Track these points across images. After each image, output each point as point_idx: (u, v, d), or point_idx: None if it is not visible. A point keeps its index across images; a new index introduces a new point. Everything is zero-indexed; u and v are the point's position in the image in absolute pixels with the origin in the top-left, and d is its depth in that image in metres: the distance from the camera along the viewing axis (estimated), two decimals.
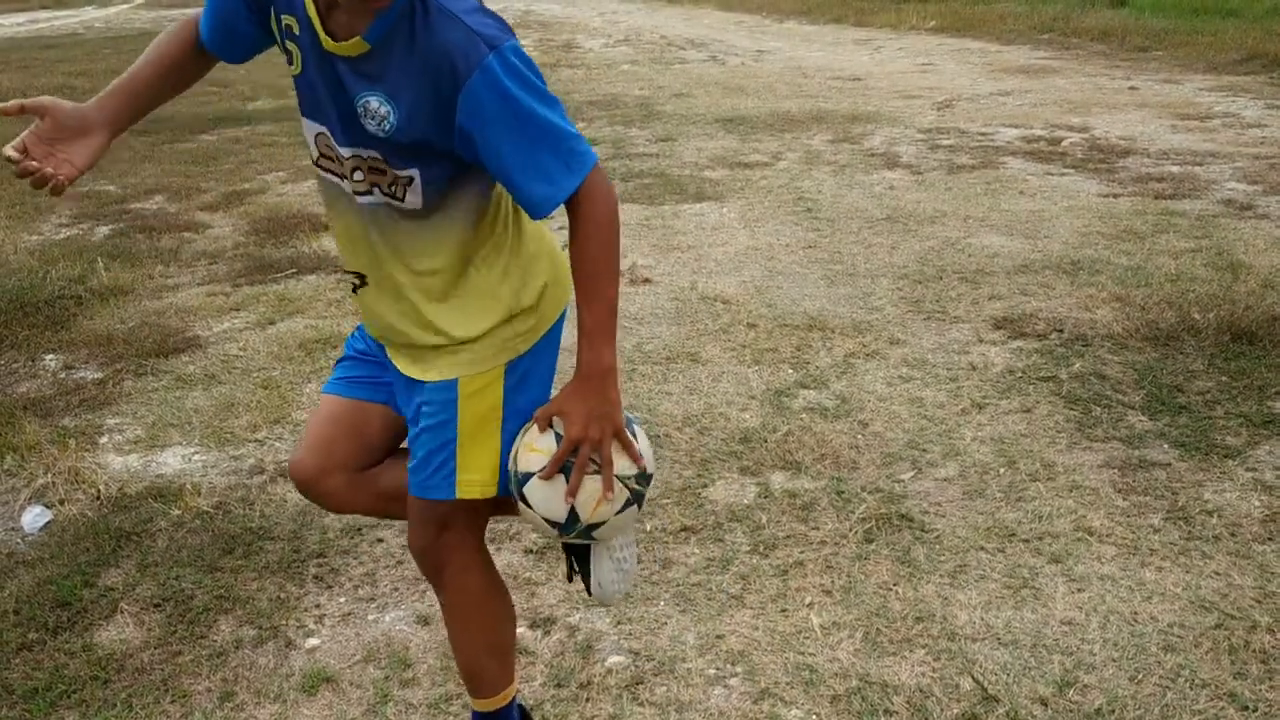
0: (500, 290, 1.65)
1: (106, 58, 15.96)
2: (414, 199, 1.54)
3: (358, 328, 1.86)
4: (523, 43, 1.47)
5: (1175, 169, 6.43)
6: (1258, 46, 11.34)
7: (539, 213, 1.52)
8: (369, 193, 1.56)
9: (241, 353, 4.01)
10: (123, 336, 4.19)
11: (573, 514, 1.60)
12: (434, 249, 1.60)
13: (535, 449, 1.61)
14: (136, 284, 4.88)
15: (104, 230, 5.90)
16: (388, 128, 1.48)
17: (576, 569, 1.83)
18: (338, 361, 1.86)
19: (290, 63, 1.54)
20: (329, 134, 1.55)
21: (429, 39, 1.42)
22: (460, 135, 1.46)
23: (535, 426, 1.62)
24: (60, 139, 1.56)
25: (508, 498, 1.70)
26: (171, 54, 1.65)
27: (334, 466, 1.78)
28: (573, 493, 1.58)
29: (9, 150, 1.52)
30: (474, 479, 1.66)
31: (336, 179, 1.59)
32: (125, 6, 33.47)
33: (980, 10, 17.54)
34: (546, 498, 1.60)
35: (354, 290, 1.70)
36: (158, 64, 1.65)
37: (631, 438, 1.63)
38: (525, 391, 1.68)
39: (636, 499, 1.65)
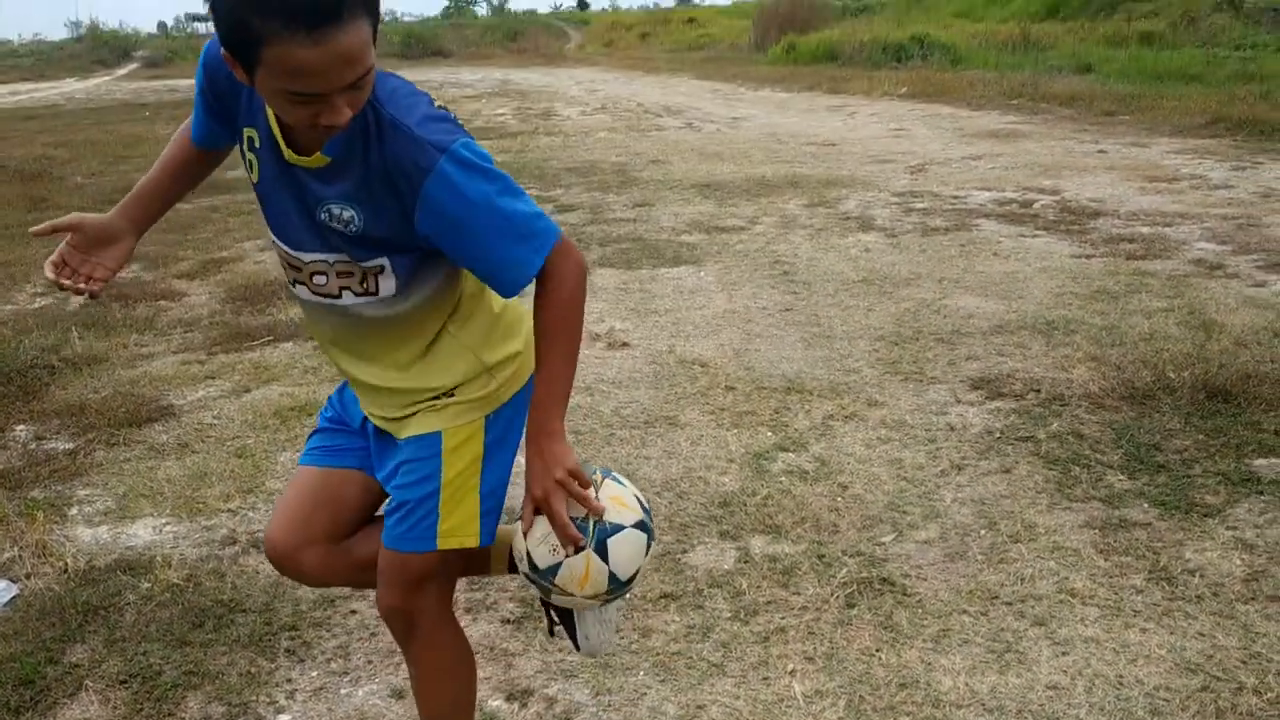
0: (477, 348, 1.71)
1: (86, 129, 16.02)
2: (388, 285, 1.61)
3: (330, 398, 1.89)
4: (500, 111, 1.51)
5: (1145, 230, 6.51)
6: (1221, 110, 11.59)
7: (508, 295, 1.60)
8: (336, 296, 1.63)
9: (215, 421, 3.97)
10: (95, 406, 4.14)
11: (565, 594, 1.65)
12: (407, 330, 1.67)
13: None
14: (110, 353, 4.84)
15: (78, 299, 5.86)
16: (354, 229, 1.55)
17: (558, 623, 1.83)
18: (311, 434, 1.89)
19: (250, 170, 1.62)
20: (287, 246, 1.63)
21: (382, 151, 1.49)
22: (422, 236, 1.53)
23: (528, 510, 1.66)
24: (91, 248, 1.74)
25: (476, 558, 1.76)
26: (176, 158, 1.82)
27: (309, 540, 1.80)
28: (556, 542, 1.61)
29: (47, 270, 1.72)
30: (454, 529, 1.70)
31: (299, 285, 1.67)
32: (106, 78, 33.71)
33: (950, 77, 17.89)
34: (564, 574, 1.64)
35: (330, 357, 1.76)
36: (167, 168, 1.82)
37: (593, 489, 1.65)
38: (508, 444, 1.73)
39: (604, 536, 1.64)
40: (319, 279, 1.63)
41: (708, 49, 35.15)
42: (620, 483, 1.71)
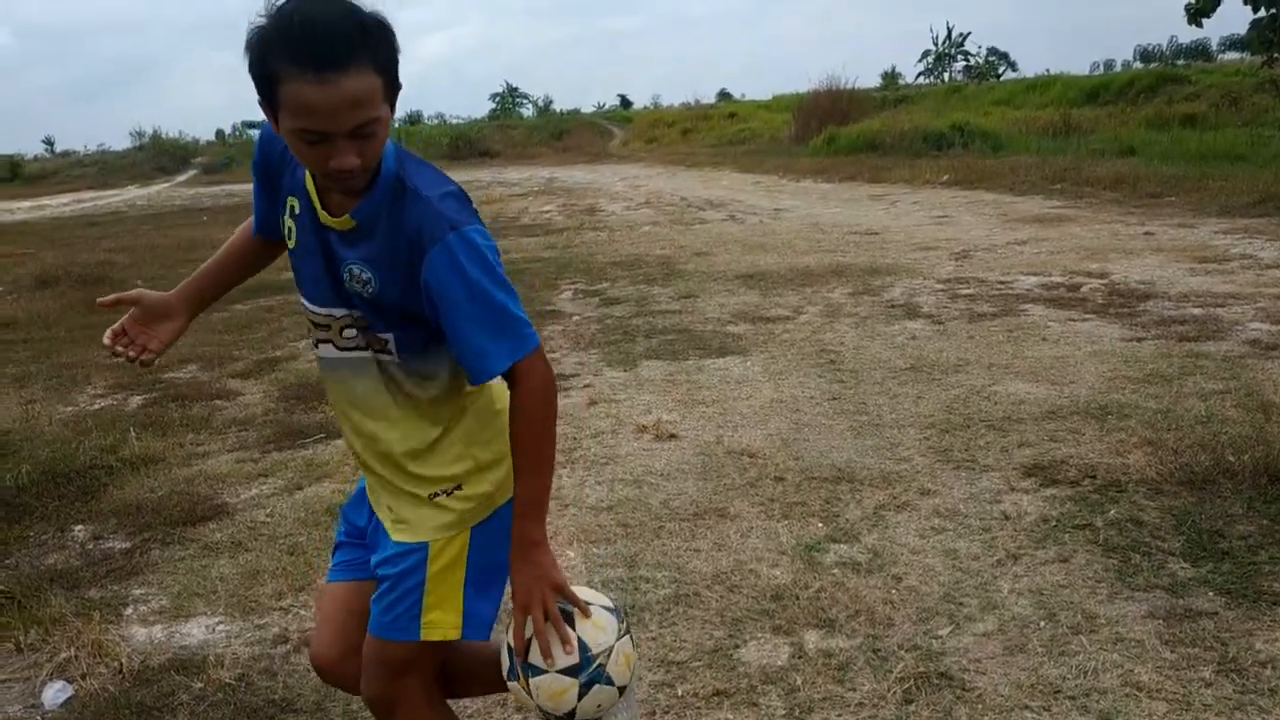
0: (468, 441, 1.79)
1: (147, 234, 16.55)
2: (394, 349, 1.73)
3: (342, 509, 2.02)
4: (546, 208, 1.59)
5: (1197, 311, 6.44)
6: (1269, 190, 11.53)
7: (475, 380, 1.69)
8: (365, 349, 1.74)
9: (269, 519, 4.01)
10: (151, 505, 4.20)
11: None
12: (419, 405, 1.76)
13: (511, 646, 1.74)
14: (167, 452, 4.92)
15: (137, 400, 6.00)
16: (370, 291, 1.67)
17: None
18: (334, 549, 2.00)
19: (289, 236, 1.76)
20: (315, 305, 1.75)
21: (403, 216, 1.63)
22: (425, 301, 1.63)
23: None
24: (150, 322, 1.90)
25: (455, 679, 1.88)
26: (238, 246, 1.96)
27: (351, 651, 1.89)
28: (545, 650, 1.68)
29: (106, 337, 1.89)
30: (438, 620, 1.77)
31: (324, 344, 1.78)
32: (166, 185, 34.86)
33: (992, 163, 17.99)
34: (520, 693, 1.73)
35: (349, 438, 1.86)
36: (229, 255, 1.97)
37: (573, 592, 1.73)
38: (490, 550, 1.79)
39: (597, 679, 1.71)
40: (349, 332, 1.75)
41: (749, 143, 35.72)
42: (588, 602, 1.77)
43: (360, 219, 1.65)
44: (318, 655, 1.94)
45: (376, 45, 1.51)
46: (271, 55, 1.48)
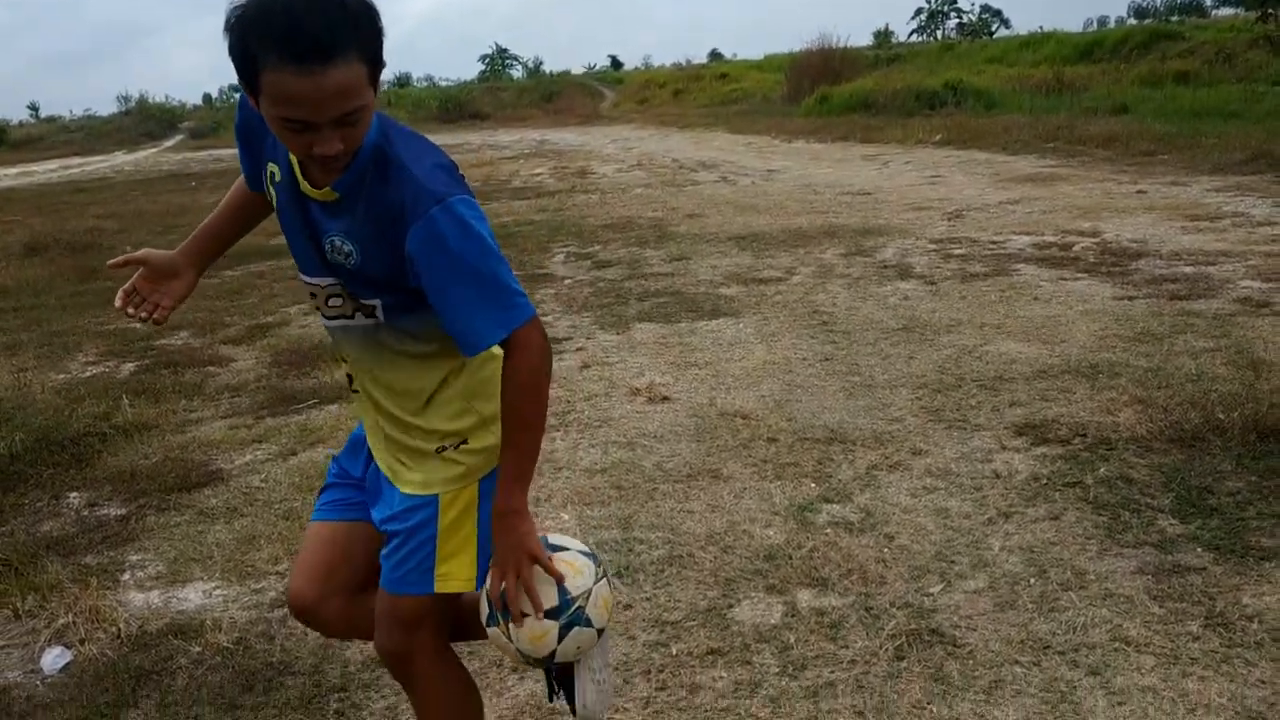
0: (471, 397, 1.79)
1: (135, 200, 16.44)
2: (380, 315, 1.72)
3: (334, 458, 2.01)
4: (538, 170, 1.57)
5: (1188, 269, 6.45)
6: (1262, 146, 11.50)
7: (467, 353, 1.67)
8: (350, 316, 1.75)
9: (263, 485, 4.02)
10: (146, 472, 4.21)
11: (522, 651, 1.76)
12: (416, 363, 1.76)
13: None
14: (160, 419, 4.92)
15: (129, 367, 5.99)
16: (353, 263, 1.65)
17: (559, 690, 1.95)
18: (322, 490, 2.00)
19: (273, 202, 1.76)
20: (304, 274, 1.75)
21: (385, 190, 1.59)
22: (411, 274, 1.61)
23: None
24: (158, 282, 1.91)
25: (473, 621, 1.85)
26: (237, 200, 1.95)
27: (332, 592, 1.91)
28: (516, 622, 1.72)
29: (117, 299, 1.90)
30: (452, 573, 1.78)
31: (317, 310, 1.79)
32: (153, 150, 34.60)
33: (985, 122, 17.91)
34: (500, 638, 1.76)
35: (350, 388, 1.87)
36: (229, 210, 1.96)
37: (548, 557, 1.75)
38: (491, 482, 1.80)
39: (576, 621, 1.75)
40: (334, 301, 1.74)
41: (741, 103, 35.48)
42: (563, 547, 1.81)
43: (342, 191, 1.62)
44: (295, 594, 1.92)
45: (362, 33, 1.46)
46: (253, 42, 1.43)
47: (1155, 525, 3.16)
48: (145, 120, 45.68)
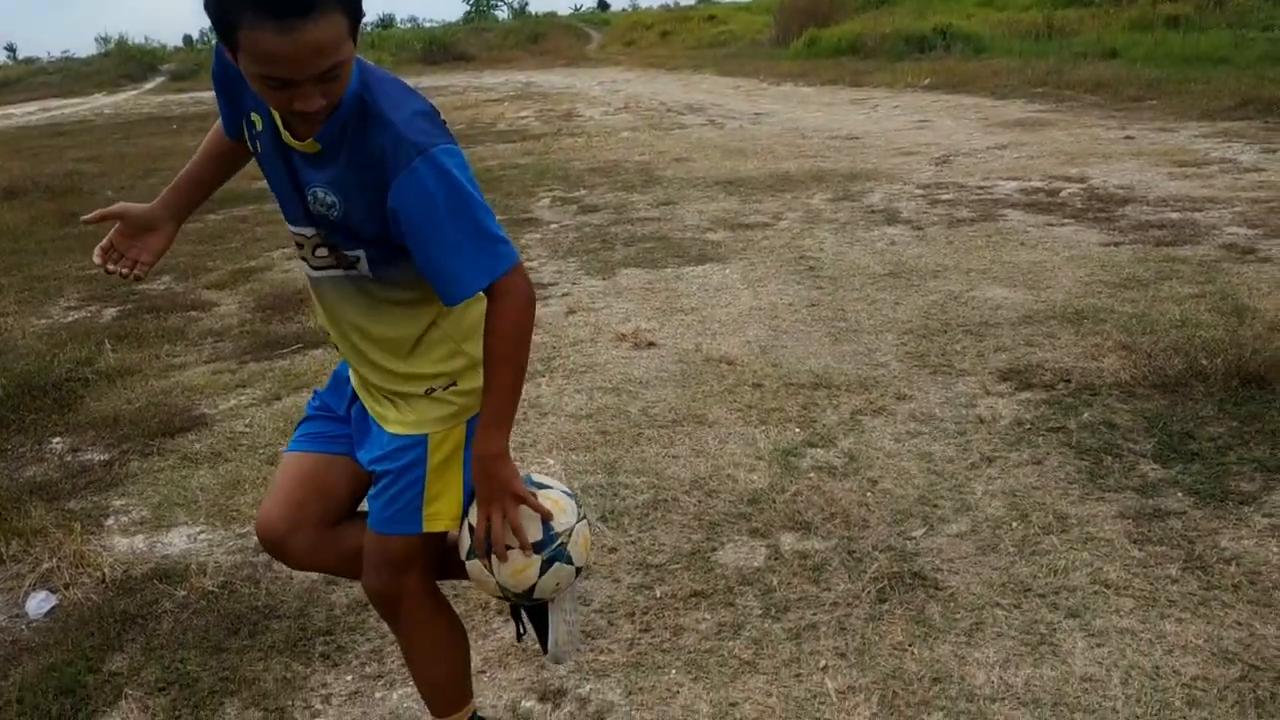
0: (461, 339, 1.78)
1: (116, 142, 16.23)
2: (363, 267, 1.69)
3: (315, 392, 2.00)
4: (523, 113, 1.54)
5: (1175, 216, 6.44)
6: (1250, 92, 11.45)
7: (447, 303, 1.65)
8: (333, 267, 1.72)
9: (248, 429, 4.01)
10: (129, 417, 4.19)
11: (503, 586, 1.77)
12: (401, 312, 1.75)
13: (473, 526, 1.77)
14: (143, 364, 4.89)
15: (111, 312, 5.94)
16: (335, 215, 1.64)
17: (525, 630, 1.98)
18: (300, 422, 1.99)
19: (255, 150, 1.72)
20: (289, 223, 1.73)
21: (366, 140, 1.56)
22: (393, 223, 1.59)
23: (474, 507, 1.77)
24: (136, 236, 1.88)
25: (455, 558, 1.87)
26: (214, 149, 1.91)
27: (301, 524, 1.89)
28: (498, 559, 1.73)
29: (96, 255, 1.87)
30: (440, 512, 1.79)
31: (303, 260, 1.77)
32: (134, 92, 34.09)
33: (974, 66, 17.77)
34: (480, 571, 1.77)
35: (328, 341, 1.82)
36: (205, 159, 1.92)
37: (533, 495, 1.76)
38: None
39: (558, 557, 1.76)
40: (320, 251, 1.72)
41: (729, 45, 35.10)
42: (547, 485, 1.82)
43: (324, 143, 1.59)
44: (264, 524, 1.91)
45: None
46: (230, 0, 1.39)
47: (1137, 470, 3.18)
48: (125, 62, 44.89)
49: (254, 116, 1.68)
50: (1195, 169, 8.00)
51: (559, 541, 1.75)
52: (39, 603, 2.84)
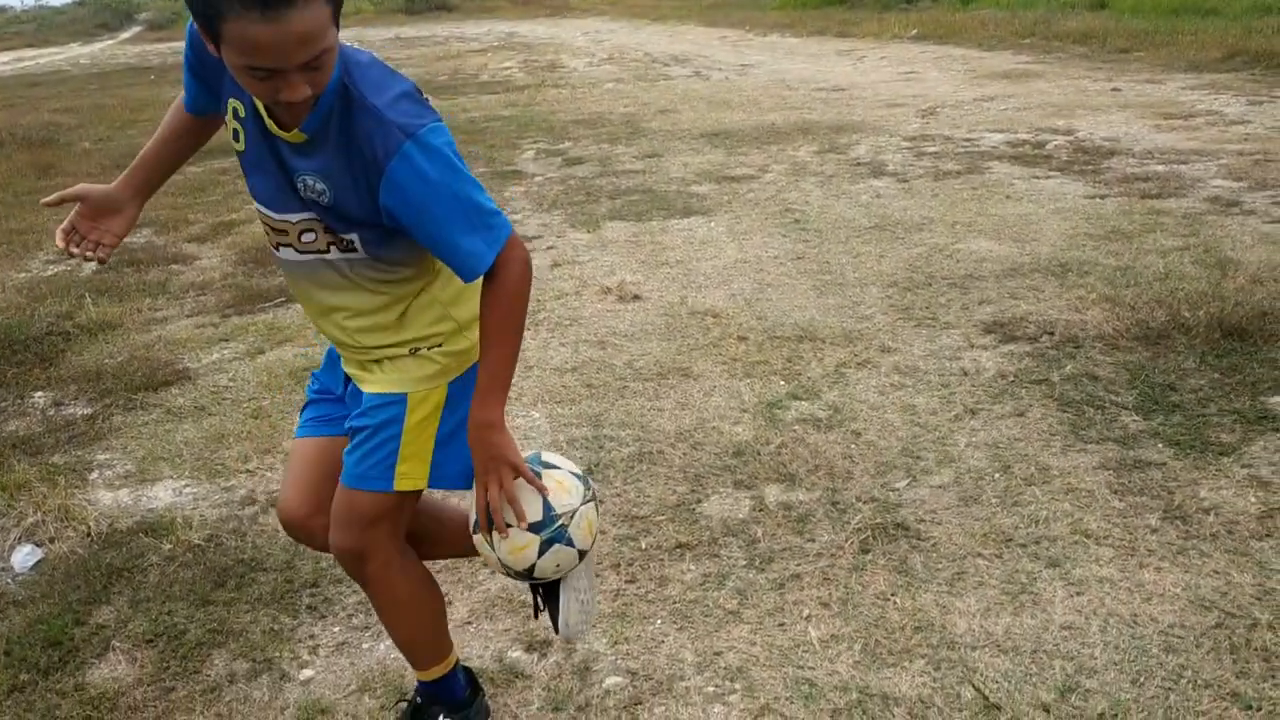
0: (448, 304, 1.79)
1: (92, 94, 15.99)
2: (359, 249, 1.68)
3: (314, 372, 2.01)
4: (506, 64, 1.53)
5: (1160, 168, 6.44)
6: (1238, 44, 11.41)
7: (466, 280, 1.64)
8: (325, 251, 1.71)
9: (231, 383, 4.00)
10: (111, 371, 4.17)
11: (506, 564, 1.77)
12: (390, 292, 1.75)
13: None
14: (125, 318, 4.86)
15: (91, 265, 5.88)
16: (326, 201, 1.63)
17: (543, 607, 1.98)
18: (304, 407, 2.00)
19: (236, 139, 1.69)
20: (271, 211, 1.70)
21: (352, 131, 1.56)
22: (387, 214, 1.59)
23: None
24: (98, 217, 1.84)
25: (421, 540, 1.95)
26: (174, 126, 1.88)
27: (321, 506, 1.90)
28: (498, 532, 1.73)
29: (58, 239, 1.82)
30: (410, 472, 1.80)
31: (284, 248, 1.74)
32: (110, 42, 33.54)
33: (961, 17, 17.64)
34: (483, 545, 1.77)
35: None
36: (166, 137, 1.88)
37: (529, 470, 1.75)
38: (462, 404, 1.78)
39: (558, 539, 1.75)
40: (307, 236, 1.70)
41: None
42: (554, 465, 1.81)
43: (310, 133, 1.58)
44: (285, 510, 1.95)
45: None
46: None
47: (1118, 422, 3.20)
48: (100, 11, 44.11)
49: (235, 103, 1.66)
50: (1182, 121, 7.99)
51: (559, 523, 1.74)
52: (24, 556, 2.84)
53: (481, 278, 1.65)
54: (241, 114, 1.66)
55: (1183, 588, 2.38)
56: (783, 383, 3.66)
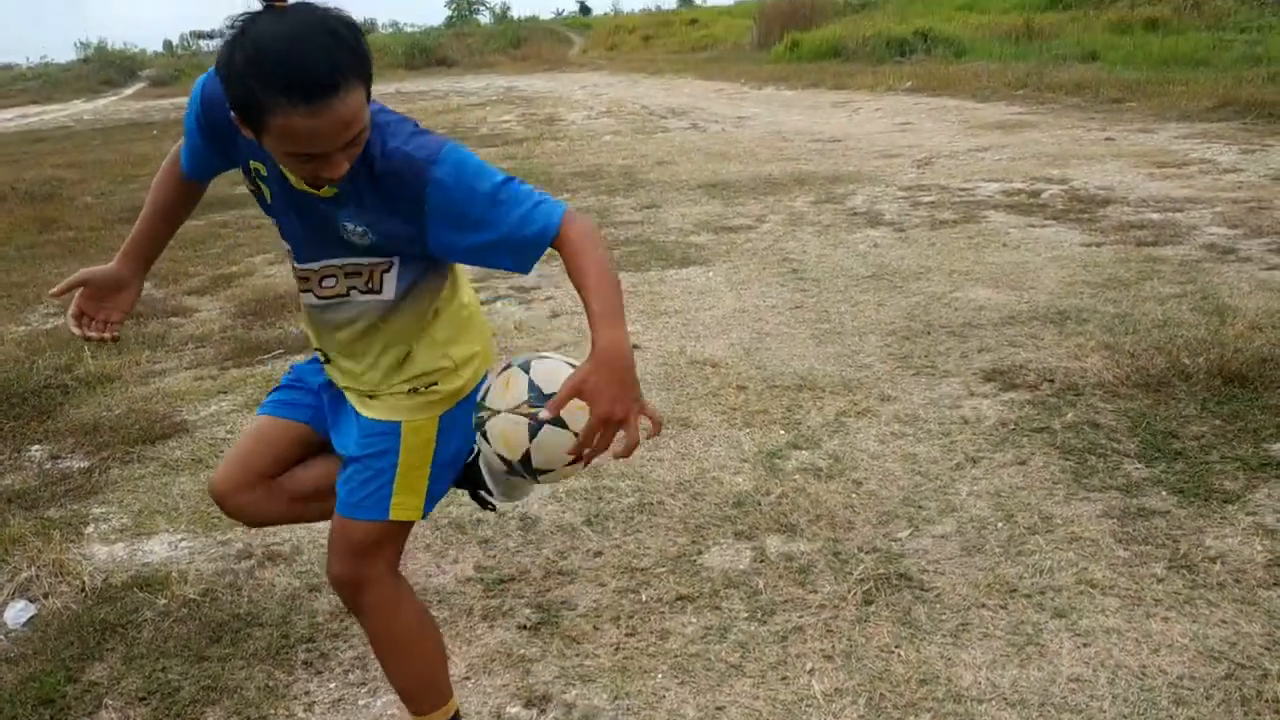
0: (446, 344, 1.85)
1: (95, 149, 16.11)
2: (390, 284, 1.74)
3: (293, 366, 2.09)
4: (505, 118, 1.60)
5: (1155, 216, 6.48)
6: (1229, 94, 11.52)
7: (527, 269, 1.69)
8: (345, 295, 1.77)
9: (229, 435, 3.98)
10: (109, 424, 4.15)
11: (527, 460, 1.68)
12: (400, 329, 1.81)
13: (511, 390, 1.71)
14: (123, 370, 4.85)
15: (102, 342, 5.87)
16: (370, 240, 1.69)
17: (483, 495, 2.03)
18: (273, 389, 2.07)
19: (260, 195, 1.75)
20: (298, 261, 1.77)
21: (382, 175, 1.61)
22: (436, 247, 1.66)
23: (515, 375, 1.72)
24: (103, 296, 1.92)
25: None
26: (166, 200, 1.95)
27: (250, 481, 1.97)
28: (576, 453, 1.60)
29: (71, 326, 1.90)
30: (405, 503, 1.84)
31: (306, 293, 1.81)
32: (114, 98, 33.88)
33: (955, 69, 17.84)
34: (506, 436, 1.69)
35: (323, 360, 1.93)
36: (159, 211, 1.95)
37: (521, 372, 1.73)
38: (453, 438, 1.88)
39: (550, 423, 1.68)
40: (328, 282, 1.76)
41: (711, 49, 35.12)
42: (546, 356, 1.78)
43: (341, 186, 1.64)
44: (216, 480, 1.98)
45: (357, 57, 1.49)
46: (257, 89, 1.44)
47: (1121, 469, 3.18)
48: (105, 67, 44.60)
49: (256, 165, 1.72)
50: (1175, 170, 8.04)
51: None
52: (17, 612, 2.81)
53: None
54: (264, 174, 1.71)
55: (1191, 638, 2.35)
56: (783, 432, 3.64)
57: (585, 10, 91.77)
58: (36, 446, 4.02)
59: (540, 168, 10.82)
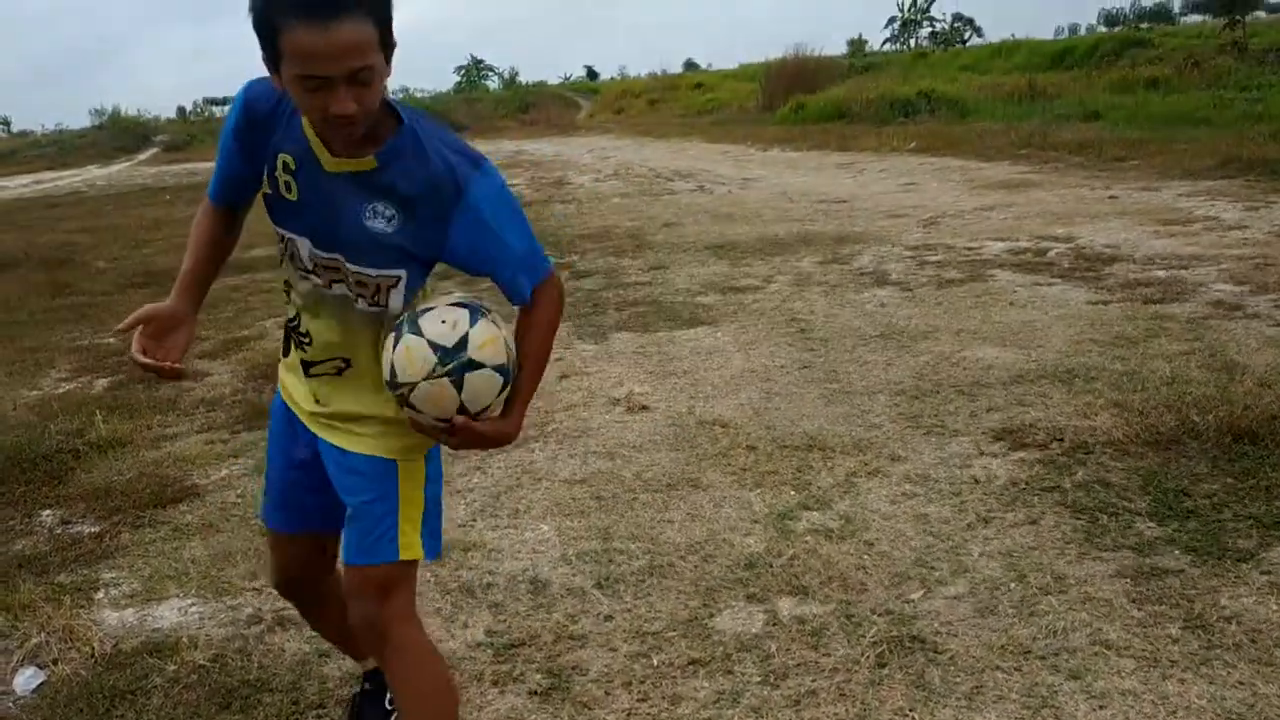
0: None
1: (109, 214, 16.32)
2: (396, 301, 1.83)
3: (270, 437, 2.18)
4: (514, 181, 1.70)
5: (1162, 273, 6.50)
6: (1232, 151, 11.62)
7: (517, 301, 1.86)
8: (349, 298, 1.85)
9: (239, 500, 3.99)
10: (120, 489, 4.16)
11: (464, 411, 1.76)
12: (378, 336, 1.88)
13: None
14: (135, 435, 4.87)
15: (103, 383, 5.93)
16: (394, 227, 1.77)
17: None
18: (264, 491, 2.19)
19: (287, 190, 1.81)
20: (320, 250, 1.83)
21: (425, 163, 1.74)
22: (454, 239, 1.77)
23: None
24: (164, 334, 1.96)
25: None
26: (209, 234, 2.02)
27: (313, 576, 2.16)
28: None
29: (140, 359, 1.90)
30: (412, 541, 1.91)
31: (321, 285, 1.87)
32: (127, 164, 34.36)
33: (959, 129, 18.04)
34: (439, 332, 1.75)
35: (305, 373, 1.99)
36: (205, 245, 2.02)
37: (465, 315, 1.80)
38: (437, 481, 2.00)
39: (466, 369, 1.76)
40: (337, 287, 1.85)
41: (717, 112, 35.60)
42: (497, 326, 1.82)
43: (382, 160, 1.74)
44: (279, 583, 2.19)
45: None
46: (272, 10, 1.56)
47: (1133, 528, 3.17)
48: (118, 134, 45.30)
49: (284, 158, 1.79)
50: (1180, 227, 8.09)
51: (458, 359, 1.73)
52: (27, 679, 2.80)
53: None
54: (293, 166, 1.79)
55: (1208, 700, 2.33)
56: (793, 493, 3.64)
57: (592, 75, 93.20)
58: (47, 511, 4.03)
59: (550, 230, 10.91)
